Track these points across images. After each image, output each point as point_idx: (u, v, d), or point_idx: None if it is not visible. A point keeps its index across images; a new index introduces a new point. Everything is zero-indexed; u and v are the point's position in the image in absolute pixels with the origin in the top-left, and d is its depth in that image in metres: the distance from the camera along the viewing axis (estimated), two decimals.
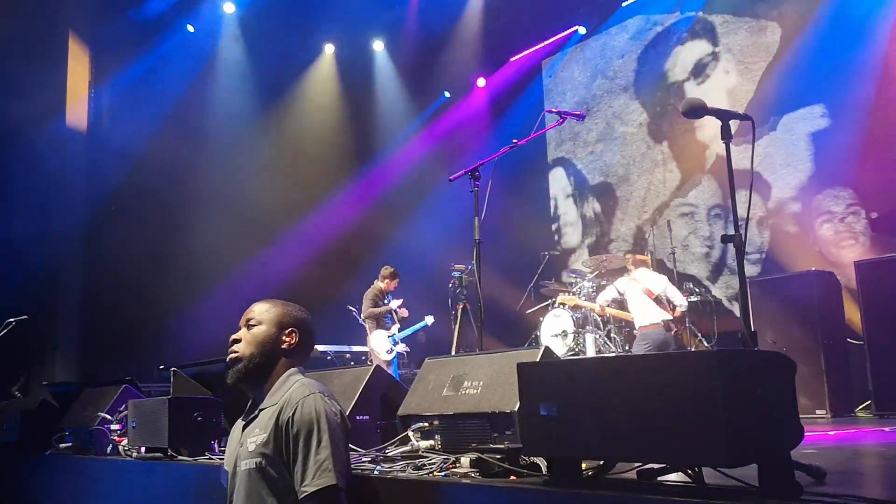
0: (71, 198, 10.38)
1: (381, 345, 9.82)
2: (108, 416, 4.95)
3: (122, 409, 4.94)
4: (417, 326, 10.22)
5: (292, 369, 2.88)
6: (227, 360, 2.90)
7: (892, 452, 3.93)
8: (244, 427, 2.84)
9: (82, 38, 10.85)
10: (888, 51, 9.08)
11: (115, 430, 4.85)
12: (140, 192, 10.66)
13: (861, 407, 7.01)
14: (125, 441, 4.70)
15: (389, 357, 9.78)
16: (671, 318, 8.67)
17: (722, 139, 3.09)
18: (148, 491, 4.24)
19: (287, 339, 2.91)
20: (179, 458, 4.08)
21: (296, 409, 2.65)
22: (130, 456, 4.58)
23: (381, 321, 9.98)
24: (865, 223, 9.40)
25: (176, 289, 10.16)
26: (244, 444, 2.76)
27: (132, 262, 10.35)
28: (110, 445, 4.80)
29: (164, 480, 4.11)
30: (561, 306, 9.65)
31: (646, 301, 8.65)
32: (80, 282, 10.49)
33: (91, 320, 10.30)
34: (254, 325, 2.91)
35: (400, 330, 9.98)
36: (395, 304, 10.07)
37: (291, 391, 2.74)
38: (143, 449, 4.48)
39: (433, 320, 10.22)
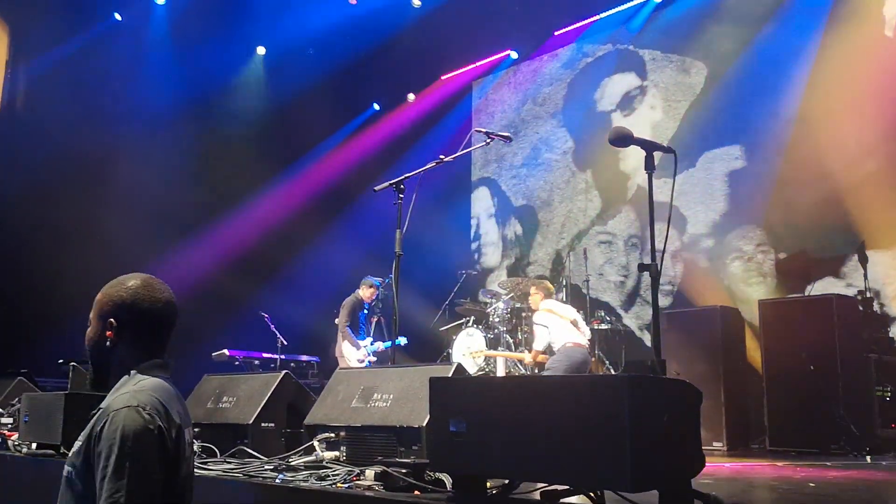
0: None
1: (353, 353, 9.77)
2: (0, 409, 4.75)
3: (14, 402, 4.75)
4: (387, 344, 9.98)
5: (137, 368, 2.31)
6: None
7: (784, 486, 4.05)
8: None
9: (2, 16, 10.46)
10: (804, 95, 9.44)
11: (6, 424, 4.66)
12: (51, 180, 10.28)
13: (756, 442, 7.23)
14: (15, 436, 4.52)
15: (360, 367, 9.68)
16: (588, 342, 8.76)
17: (645, 169, 3.16)
18: (36, 488, 4.07)
19: (108, 334, 2.34)
20: None
21: (105, 422, 2.12)
22: (20, 451, 4.40)
23: (356, 330, 9.91)
24: (773, 263, 9.73)
25: (82, 282, 9.75)
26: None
27: (38, 251, 9.97)
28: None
29: (55, 479, 3.95)
30: (477, 355, 9.49)
31: (566, 324, 8.66)
32: None
33: None
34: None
35: (372, 343, 9.88)
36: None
37: (115, 398, 2.20)
38: (34, 445, 4.31)
39: (405, 341, 9.83)
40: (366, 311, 10.12)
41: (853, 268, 8.87)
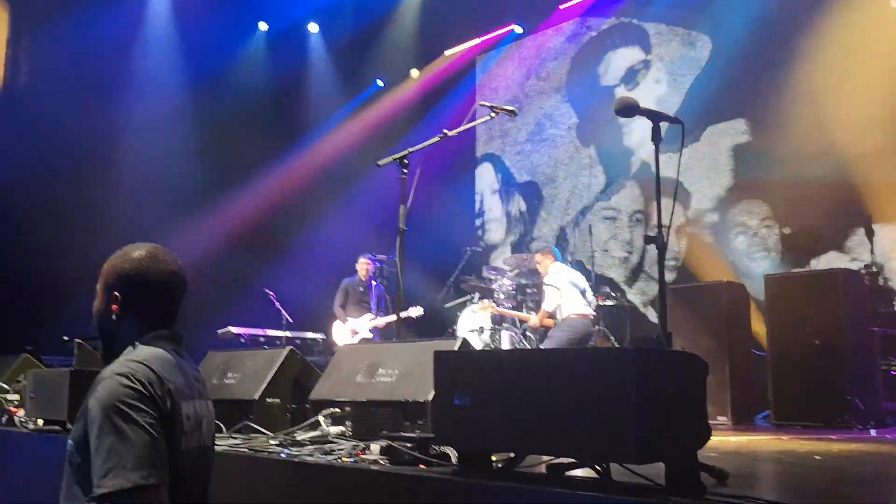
0: None
1: (339, 334, 9.79)
2: (5, 386, 4.77)
3: (20, 379, 4.77)
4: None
5: (141, 339, 2.24)
6: None
7: (789, 459, 4.06)
8: None
9: None
10: (810, 68, 9.35)
11: (12, 401, 4.68)
12: (53, 156, 10.26)
13: (760, 415, 7.24)
14: (22, 412, 4.54)
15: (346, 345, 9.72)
16: (594, 314, 8.78)
17: (652, 140, 3.13)
18: (42, 464, 4.09)
19: (113, 307, 2.27)
20: None
21: (95, 389, 2.07)
22: (26, 428, 4.43)
23: (358, 309, 9.92)
24: (777, 237, 9.70)
25: (87, 260, 9.75)
26: None
27: (42, 229, 9.97)
28: (6, 416, 4.62)
29: (61, 454, 3.97)
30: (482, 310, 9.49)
31: (576, 292, 8.63)
32: None
33: None
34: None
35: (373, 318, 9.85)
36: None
37: (107, 368, 2.14)
38: (40, 421, 4.33)
39: (420, 312, 9.44)
40: (361, 290, 10.08)
41: (858, 242, 8.84)
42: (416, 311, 9.34)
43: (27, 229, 10.05)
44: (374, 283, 10.12)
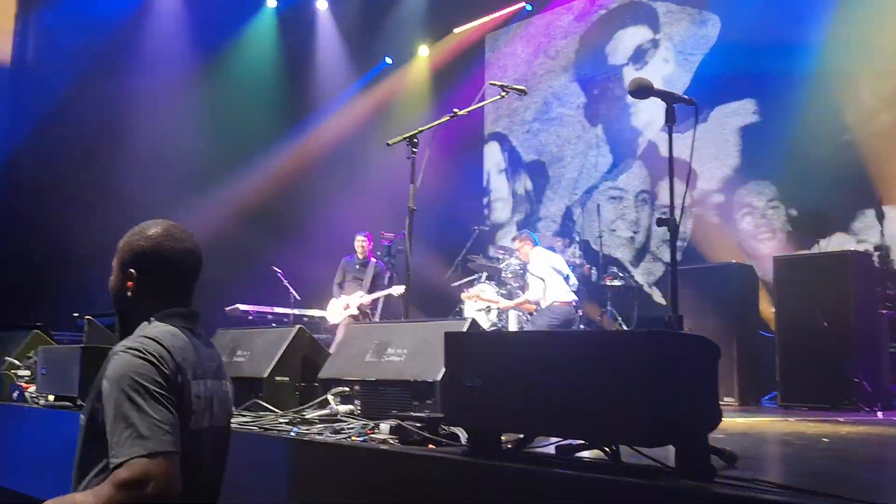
0: None
1: (330, 313, 9.80)
2: (17, 362, 4.80)
3: (31, 355, 4.80)
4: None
5: (155, 316, 2.25)
6: None
7: (797, 441, 4.07)
8: None
9: None
10: (821, 48, 9.28)
11: (23, 377, 4.71)
12: (63, 132, 10.28)
13: (767, 397, 7.25)
14: (33, 388, 4.57)
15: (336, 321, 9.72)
16: (577, 298, 8.71)
17: (665, 121, 3.11)
18: (53, 440, 4.12)
19: (129, 284, 2.29)
20: None
21: (108, 364, 2.11)
22: (38, 403, 4.46)
23: (343, 287, 9.89)
24: (784, 218, 9.67)
25: (96, 235, 9.76)
26: None
27: (52, 205, 9.99)
28: (17, 391, 4.65)
29: (71, 430, 4.00)
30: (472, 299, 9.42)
31: (560, 280, 8.60)
32: None
33: (3, 262, 9.93)
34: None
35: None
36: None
37: (123, 342, 2.17)
38: (51, 397, 4.36)
39: (401, 291, 9.29)
40: (357, 267, 9.98)
41: (866, 223, 8.81)
42: (397, 290, 9.36)
43: (35, 205, 10.07)
44: (373, 260, 10.02)
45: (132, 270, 2.28)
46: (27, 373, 4.77)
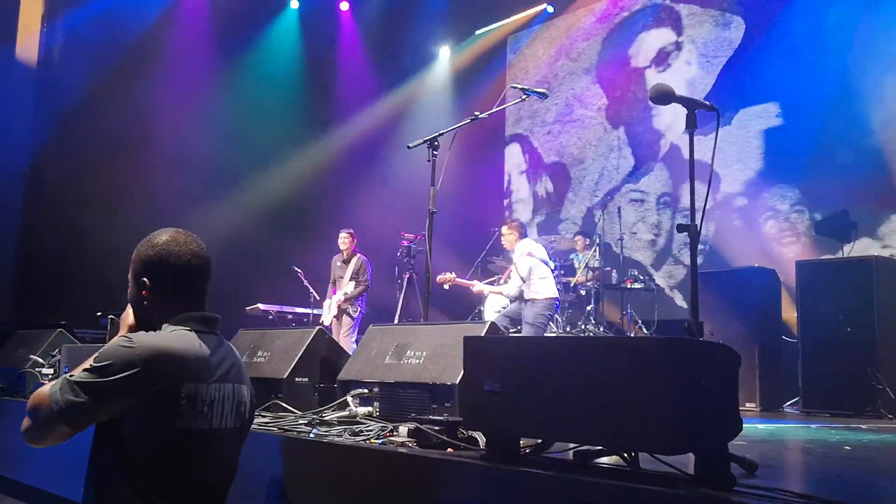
0: (14, 134, 10.06)
1: (325, 312, 9.81)
2: (41, 360, 4.85)
3: (55, 353, 4.84)
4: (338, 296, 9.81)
5: (169, 321, 2.31)
6: None
7: (818, 449, 4.03)
8: None
9: None
10: (846, 50, 9.19)
11: (47, 374, 4.75)
12: (88, 133, 10.37)
13: (789, 403, 7.19)
14: None
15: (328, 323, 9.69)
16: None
17: (686, 128, 3.09)
18: (76, 438, 4.15)
19: (143, 293, 2.36)
20: None
21: None
22: None
23: (332, 286, 9.88)
24: (808, 222, 9.59)
25: (119, 235, 9.85)
26: None
27: (75, 204, 10.09)
28: None
29: (92, 428, 4.03)
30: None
31: (548, 272, 8.15)
32: (18, 220, 10.21)
33: (29, 261, 10.05)
34: None
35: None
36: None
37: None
38: None
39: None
40: (339, 264, 9.84)
41: (891, 228, 8.73)
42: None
43: (59, 205, 10.17)
44: (356, 255, 9.84)
45: (145, 280, 2.35)
46: (50, 371, 4.81)
